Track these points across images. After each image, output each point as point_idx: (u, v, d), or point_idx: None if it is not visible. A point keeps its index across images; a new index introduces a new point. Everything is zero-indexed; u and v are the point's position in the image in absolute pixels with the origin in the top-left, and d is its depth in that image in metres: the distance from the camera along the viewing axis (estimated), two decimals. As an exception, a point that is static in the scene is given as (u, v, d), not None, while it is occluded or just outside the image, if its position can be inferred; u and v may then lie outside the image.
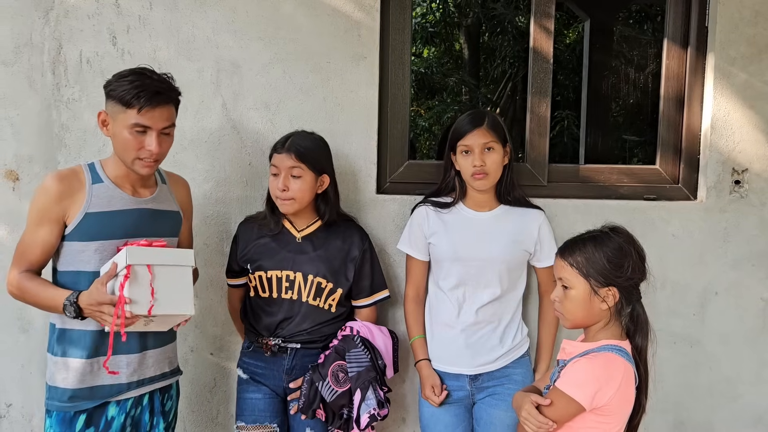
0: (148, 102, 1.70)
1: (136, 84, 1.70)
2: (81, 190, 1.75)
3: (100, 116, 1.77)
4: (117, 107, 1.72)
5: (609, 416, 1.59)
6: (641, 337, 1.66)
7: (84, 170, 1.79)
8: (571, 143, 6.03)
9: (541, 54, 2.35)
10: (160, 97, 1.73)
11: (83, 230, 1.74)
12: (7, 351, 2.31)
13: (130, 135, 1.72)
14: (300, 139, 2.00)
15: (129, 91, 1.69)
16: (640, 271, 1.65)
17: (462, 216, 2.09)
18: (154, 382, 1.88)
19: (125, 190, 1.81)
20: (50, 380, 1.80)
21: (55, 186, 1.73)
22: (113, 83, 1.73)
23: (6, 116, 2.27)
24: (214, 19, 2.27)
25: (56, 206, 1.73)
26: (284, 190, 1.95)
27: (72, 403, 1.77)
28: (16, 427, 2.37)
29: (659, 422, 2.38)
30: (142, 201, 1.83)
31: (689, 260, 2.34)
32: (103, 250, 1.75)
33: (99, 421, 1.79)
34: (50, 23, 2.25)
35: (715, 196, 2.32)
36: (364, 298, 2.10)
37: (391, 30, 2.34)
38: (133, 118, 1.71)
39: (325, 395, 1.93)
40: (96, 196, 1.76)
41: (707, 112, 2.33)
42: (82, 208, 1.74)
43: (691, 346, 2.36)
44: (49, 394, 1.80)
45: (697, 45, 2.34)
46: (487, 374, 2.06)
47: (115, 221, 1.77)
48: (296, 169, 1.95)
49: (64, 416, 1.77)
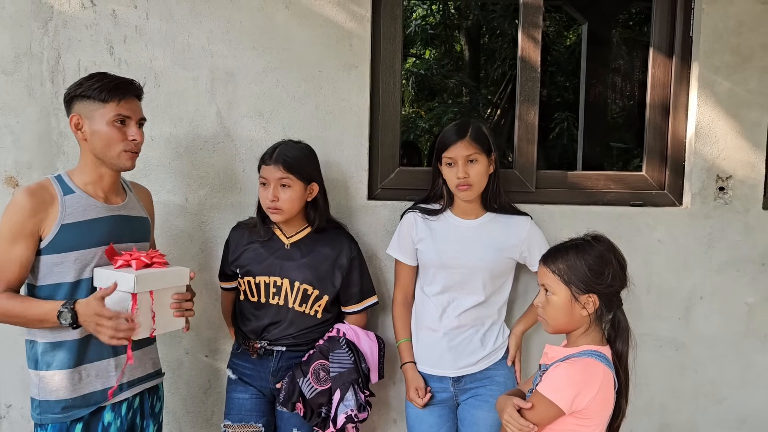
0: (124, 93, 1.80)
1: (105, 81, 1.79)
2: (53, 203, 1.75)
3: (72, 120, 1.79)
4: (93, 105, 1.77)
5: (588, 419, 1.63)
6: (621, 342, 1.70)
7: (53, 182, 1.80)
8: (571, 144, 6.06)
9: (528, 63, 2.40)
10: (132, 87, 1.84)
11: (60, 242, 1.75)
12: (6, 353, 2.36)
13: (112, 128, 1.78)
14: (287, 150, 2.04)
15: (103, 87, 1.77)
16: (620, 279, 1.69)
17: (449, 223, 2.14)
18: (143, 382, 1.92)
19: (98, 199, 1.84)
20: (39, 395, 1.79)
21: (27, 201, 1.72)
22: (80, 87, 1.79)
23: (6, 124, 2.33)
24: (209, 28, 2.32)
25: (30, 221, 1.72)
26: (274, 200, 1.99)
27: (67, 413, 1.77)
28: (15, 427, 2.43)
29: (644, 425, 2.42)
30: (114, 208, 1.87)
31: (674, 265, 2.38)
32: (82, 259, 1.77)
33: (96, 428, 1.81)
34: (49, 33, 2.31)
35: (700, 202, 2.36)
36: (353, 305, 2.15)
37: (383, 39, 2.39)
38: (113, 110, 1.78)
39: (305, 391, 1.98)
40: (70, 207, 1.77)
41: (692, 119, 2.37)
42: (57, 221, 1.75)
43: (677, 349, 2.40)
44: (40, 408, 1.79)
45: (682, 54, 2.39)
46: (470, 376, 2.10)
47: (92, 230, 1.79)
48: (285, 180, 2.00)
49: (60, 427, 1.77)
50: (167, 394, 2.35)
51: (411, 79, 7.49)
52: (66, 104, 1.83)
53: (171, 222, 2.37)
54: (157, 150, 2.34)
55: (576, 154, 5.29)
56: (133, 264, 1.76)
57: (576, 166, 4.85)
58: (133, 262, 1.77)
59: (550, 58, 6.97)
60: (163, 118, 2.33)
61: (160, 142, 2.34)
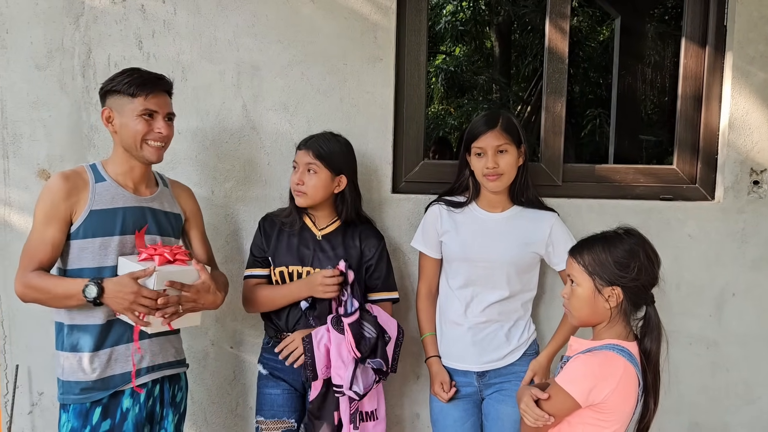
0: (152, 88, 1.86)
1: (136, 76, 1.85)
2: (85, 189, 1.83)
3: (104, 113, 1.87)
4: (122, 99, 1.84)
5: (607, 414, 1.60)
6: (651, 340, 1.65)
7: (86, 170, 1.88)
8: (603, 142, 5.97)
9: (556, 54, 2.36)
10: (161, 82, 1.89)
11: (87, 227, 1.81)
12: (39, 343, 2.42)
13: (139, 122, 1.84)
14: (322, 139, 2.08)
15: (132, 82, 1.83)
16: (647, 273, 1.64)
17: (474, 216, 2.12)
18: (163, 369, 1.95)
19: (127, 189, 1.89)
20: (62, 375, 1.86)
21: (61, 184, 1.80)
22: (112, 82, 1.86)
23: (39, 117, 2.38)
24: (236, 23, 2.34)
25: (63, 204, 1.79)
26: (299, 183, 2.05)
27: (86, 394, 1.83)
28: (46, 414, 2.49)
29: (674, 424, 2.37)
30: (143, 199, 1.92)
31: (706, 261, 2.32)
32: (106, 245, 1.83)
33: (115, 413, 1.85)
34: (80, 29, 2.36)
35: (733, 196, 2.30)
36: (374, 294, 2.13)
37: (408, 32, 2.38)
38: (141, 105, 1.84)
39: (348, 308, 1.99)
40: (99, 194, 1.84)
41: (725, 111, 2.30)
42: (87, 206, 1.82)
43: (708, 347, 2.34)
44: (63, 389, 1.86)
45: (715, 44, 2.33)
46: (494, 371, 2.08)
47: (118, 217, 1.85)
48: (312, 165, 2.04)
49: (81, 409, 1.83)
50: (193, 384, 2.37)
51: (440, 76, 7.46)
52: (101, 98, 1.90)
53: (197, 214, 2.39)
54: (183, 143, 2.37)
55: (608, 151, 5.20)
56: (156, 259, 1.80)
57: (608, 163, 4.76)
58: (156, 257, 1.81)
59: (583, 54, 6.87)
60: (189, 112, 2.36)
61: (186, 136, 2.37)
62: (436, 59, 7.86)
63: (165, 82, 1.91)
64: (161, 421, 1.96)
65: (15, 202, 2.40)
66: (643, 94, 5.45)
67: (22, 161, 2.39)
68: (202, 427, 2.48)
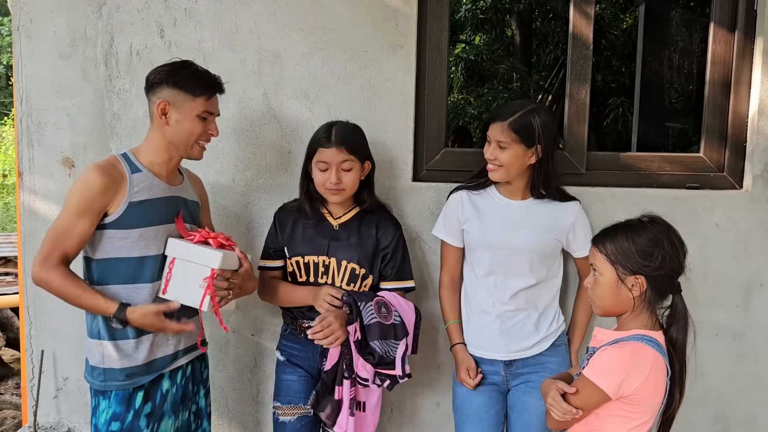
0: (214, 91, 1.92)
1: (199, 76, 1.88)
2: (122, 181, 1.81)
3: (160, 105, 1.85)
4: (183, 96, 1.85)
5: (637, 405, 1.58)
6: (677, 330, 1.62)
7: (120, 160, 1.86)
8: (626, 131, 5.88)
9: (580, 39, 2.32)
10: (220, 86, 1.94)
11: (126, 219, 1.81)
12: (64, 329, 2.45)
13: (197, 122, 1.87)
14: (344, 131, 2.03)
15: (197, 82, 1.86)
16: (672, 262, 1.60)
17: (495, 203, 2.10)
18: (195, 350, 2.03)
19: (161, 179, 1.90)
20: (102, 363, 1.85)
21: (100, 178, 1.78)
22: (174, 75, 1.86)
23: (63, 106, 2.40)
24: (256, 10, 2.33)
25: (100, 199, 1.78)
26: (338, 183, 1.99)
27: (131, 380, 1.85)
28: (72, 399, 2.52)
29: (700, 415, 2.34)
30: (175, 189, 1.94)
31: (733, 251, 2.28)
32: (146, 236, 1.84)
33: (155, 395, 1.90)
34: (103, 17, 2.36)
35: (762, 185, 2.25)
36: (388, 282, 2.11)
37: (429, 18, 2.35)
38: (201, 106, 1.87)
39: (365, 317, 1.95)
40: (137, 186, 1.83)
41: (755, 97, 2.25)
42: (125, 198, 1.81)
43: (734, 338, 2.31)
44: (104, 376, 1.85)
45: (744, 29, 2.27)
46: (522, 361, 2.07)
47: (157, 208, 1.86)
48: (347, 163, 1.99)
49: (123, 394, 1.85)
50: (214, 371, 2.39)
51: (460, 65, 7.39)
52: (152, 86, 1.88)
53: (218, 202, 2.40)
54: (205, 131, 2.37)
55: (630, 140, 5.13)
56: (211, 242, 1.86)
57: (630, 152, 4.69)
58: (211, 240, 1.86)
59: (606, 42, 6.76)
60: (211, 100, 2.35)
61: (208, 124, 2.37)
62: (456, 48, 7.78)
63: (221, 84, 1.95)
64: (194, 397, 2.04)
65: (40, 190, 2.42)
66: (667, 82, 5.35)
67: (47, 149, 2.41)
68: (224, 413, 2.50)
